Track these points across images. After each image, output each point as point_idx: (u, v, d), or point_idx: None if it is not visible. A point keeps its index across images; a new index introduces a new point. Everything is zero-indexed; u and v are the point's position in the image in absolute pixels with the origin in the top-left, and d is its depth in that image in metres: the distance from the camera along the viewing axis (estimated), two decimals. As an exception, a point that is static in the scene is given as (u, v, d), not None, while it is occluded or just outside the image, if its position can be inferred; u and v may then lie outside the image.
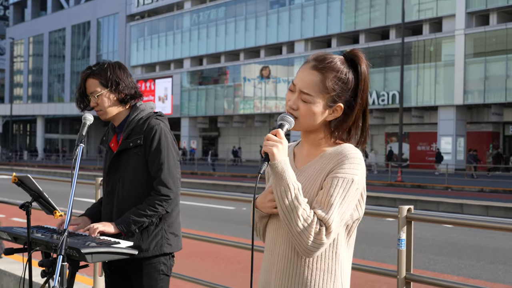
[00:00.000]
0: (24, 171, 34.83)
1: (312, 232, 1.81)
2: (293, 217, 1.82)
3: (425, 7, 36.38)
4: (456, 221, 4.22)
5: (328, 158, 1.93)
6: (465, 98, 34.26)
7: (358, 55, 2.00)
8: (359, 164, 1.89)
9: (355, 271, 4.05)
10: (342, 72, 1.96)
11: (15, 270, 6.20)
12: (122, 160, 3.11)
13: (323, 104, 1.94)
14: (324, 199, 1.86)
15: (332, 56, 2.00)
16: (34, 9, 73.85)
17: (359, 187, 1.89)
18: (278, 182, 1.84)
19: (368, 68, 2.00)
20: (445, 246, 10.13)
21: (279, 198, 1.84)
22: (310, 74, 1.95)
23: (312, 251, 1.84)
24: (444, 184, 24.88)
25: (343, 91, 1.95)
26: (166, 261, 3.10)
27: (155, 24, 55.18)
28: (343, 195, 1.85)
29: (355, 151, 1.93)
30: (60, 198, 7.75)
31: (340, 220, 1.85)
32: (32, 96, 72.11)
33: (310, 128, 1.99)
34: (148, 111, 3.17)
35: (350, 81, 1.96)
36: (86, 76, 3.11)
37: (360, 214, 1.96)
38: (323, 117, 1.96)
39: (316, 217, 1.83)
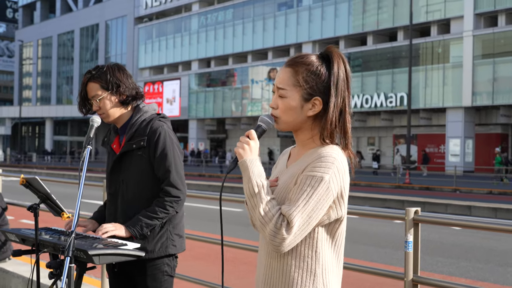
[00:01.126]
0: (32, 173, 34.99)
1: (273, 227, 1.84)
2: (255, 212, 1.88)
3: (433, 9, 36.27)
4: (464, 223, 4.20)
5: (308, 157, 1.96)
6: (474, 99, 34.13)
7: (332, 51, 2.02)
8: (332, 163, 1.89)
9: (363, 273, 4.05)
10: (313, 66, 1.99)
11: (23, 272, 6.23)
12: (125, 162, 3.12)
13: (299, 97, 1.98)
14: (292, 196, 1.90)
15: (307, 54, 2.04)
16: (43, 12, 74.21)
17: (332, 186, 1.88)
18: (244, 179, 1.92)
19: (345, 66, 2.01)
20: (453, 249, 10.09)
21: (245, 194, 1.92)
22: (284, 71, 2.01)
23: (276, 246, 1.85)
24: (453, 186, 24.78)
25: (316, 84, 1.97)
26: (170, 262, 3.12)
27: (163, 26, 55.31)
28: (310, 192, 1.86)
29: (332, 151, 1.93)
30: (68, 200, 7.77)
31: (307, 217, 1.85)
32: (41, 98, 72.44)
33: (293, 125, 2.02)
34: (151, 112, 3.17)
35: (323, 74, 1.98)
36: (86, 81, 3.12)
37: (340, 214, 1.95)
38: (303, 112, 1.99)
39: (279, 212, 1.86)
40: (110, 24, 61.87)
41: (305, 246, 1.94)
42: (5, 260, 6.75)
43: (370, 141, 44.89)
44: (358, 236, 11.43)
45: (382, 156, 42.27)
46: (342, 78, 2.00)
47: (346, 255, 7.19)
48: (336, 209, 1.93)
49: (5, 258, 6.74)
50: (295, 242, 1.87)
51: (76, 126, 68.32)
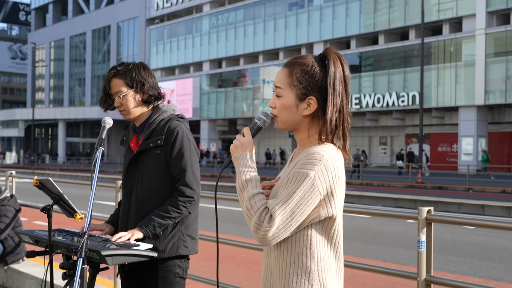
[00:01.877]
0: (45, 175, 35.20)
1: (257, 219, 1.89)
2: (243, 205, 1.95)
3: (445, 7, 36.09)
4: (478, 223, 4.18)
5: (301, 156, 1.99)
6: (486, 98, 33.93)
7: (329, 52, 2.05)
8: (319, 161, 1.92)
9: (377, 273, 4.05)
10: (307, 65, 2.03)
11: (36, 273, 6.27)
12: (141, 160, 3.13)
13: (294, 97, 2.02)
14: (279, 192, 1.95)
15: (305, 55, 2.08)
16: (55, 14, 74.66)
17: (317, 183, 1.90)
18: (236, 173, 2.00)
19: (343, 67, 2.05)
20: (466, 248, 10.03)
21: (236, 188, 2.01)
22: (281, 72, 2.07)
23: (260, 239, 1.90)
24: (465, 185, 24.65)
25: (310, 83, 2.01)
26: (181, 264, 3.11)
27: (174, 28, 55.46)
28: (294, 188, 1.90)
29: (321, 149, 1.96)
30: (81, 201, 7.82)
31: (291, 212, 1.89)
32: (54, 100, 72.87)
33: (290, 124, 2.06)
34: (170, 112, 3.19)
35: (317, 74, 2.02)
36: (111, 76, 3.13)
37: (331, 212, 1.96)
38: (299, 112, 2.03)
39: (264, 206, 1.91)
40: (122, 26, 62.13)
41: (299, 244, 1.97)
42: (18, 261, 6.80)
43: (382, 141, 44.76)
44: (371, 236, 11.41)
45: (394, 155, 42.10)
46: (339, 78, 2.03)
47: (358, 255, 7.19)
48: (326, 207, 1.94)
49: (19, 259, 6.79)
50: (280, 236, 1.90)
51: (88, 128, 68.64)
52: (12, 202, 6.75)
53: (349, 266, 4.25)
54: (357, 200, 18.91)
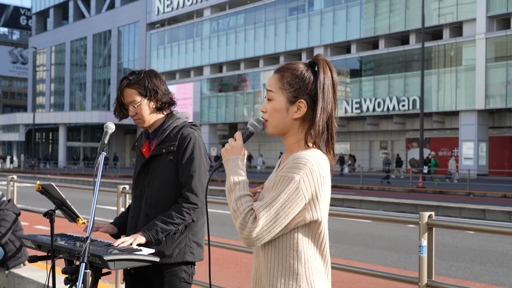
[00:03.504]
0: (46, 179, 35.21)
1: (242, 220, 1.95)
2: (230, 207, 2.01)
3: (445, 12, 36.13)
4: (479, 227, 4.19)
5: (287, 160, 2.03)
6: (487, 102, 33.93)
7: (319, 59, 2.11)
8: (304, 165, 1.95)
9: (377, 278, 4.05)
10: (298, 70, 2.09)
11: (38, 278, 6.27)
12: (153, 165, 3.15)
13: (284, 100, 2.08)
14: (266, 194, 2.01)
15: (296, 61, 2.15)
16: (56, 19, 74.77)
17: (302, 186, 1.94)
18: (226, 176, 2.07)
19: (332, 73, 2.09)
20: (467, 253, 10.03)
21: (225, 188, 2.06)
22: (273, 77, 2.13)
23: (244, 239, 1.95)
24: (466, 189, 24.64)
25: (301, 87, 2.06)
26: (187, 269, 3.12)
27: (175, 32, 55.52)
28: (279, 191, 1.95)
29: (307, 153, 1.99)
30: (82, 206, 7.82)
31: (275, 214, 1.93)
32: (54, 105, 72.91)
33: (280, 128, 2.10)
34: (183, 119, 3.22)
35: (307, 78, 2.07)
36: (124, 86, 3.15)
37: (316, 216, 1.99)
38: (289, 115, 2.07)
39: (249, 208, 1.96)
40: (123, 30, 62.20)
41: (286, 246, 2.01)
42: (20, 265, 6.80)
43: (382, 145, 44.75)
44: (372, 240, 11.40)
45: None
46: (328, 84, 2.07)
47: (359, 260, 7.21)
48: (311, 210, 1.98)
49: (20, 264, 6.79)
50: (264, 237, 1.95)
51: (89, 132, 68.64)
52: (10, 206, 6.75)
53: (350, 271, 4.25)
54: (358, 204, 18.90)
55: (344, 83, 42.05)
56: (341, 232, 12.26)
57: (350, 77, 41.69)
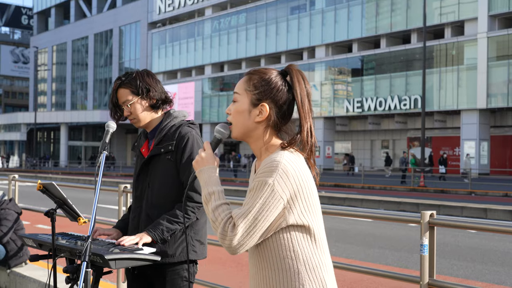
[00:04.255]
0: (48, 178, 35.23)
1: (221, 229, 1.95)
2: (209, 217, 2.01)
3: (447, 11, 36.11)
4: (480, 226, 4.18)
5: (260, 166, 2.02)
6: (489, 101, 33.91)
7: (291, 68, 2.10)
8: (276, 167, 1.95)
9: (379, 277, 4.05)
10: (266, 74, 2.09)
11: (40, 277, 6.28)
12: (152, 165, 3.15)
13: (248, 102, 2.08)
14: (244, 201, 2.00)
15: (270, 68, 2.15)
16: (57, 18, 74.80)
17: (277, 189, 1.93)
18: (201, 187, 2.09)
19: (304, 80, 2.08)
20: (468, 252, 10.02)
21: (202, 200, 2.07)
22: (241, 79, 2.14)
23: (227, 247, 1.96)
24: (468, 188, 24.62)
25: (266, 90, 2.06)
26: (189, 268, 3.11)
27: (176, 31, 55.53)
28: (255, 196, 1.95)
29: (276, 156, 1.99)
30: (83, 205, 7.83)
31: (253, 219, 1.93)
32: (56, 104, 72.96)
33: (243, 131, 2.10)
34: (180, 118, 3.21)
35: (274, 83, 2.07)
36: (116, 87, 3.16)
37: (299, 219, 1.98)
38: (251, 118, 2.07)
39: (228, 216, 1.97)
40: (124, 30, 62.22)
41: (282, 248, 2.00)
42: (21, 264, 6.80)
43: (384, 144, 44.75)
44: (373, 239, 11.40)
45: (396, 159, 42.05)
46: (305, 94, 2.07)
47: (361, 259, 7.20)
48: (292, 211, 1.97)
49: (22, 263, 6.80)
50: (246, 243, 1.95)
51: (90, 132, 68.70)
52: (12, 205, 6.77)
53: (351, 270, 4.25)
54: (359, 203, 18.90)
55: (346, 82, 42.05)
56: (342, 231, 12.26)
57: (351, 76, 41.68)
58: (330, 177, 33.67)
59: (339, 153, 46.13)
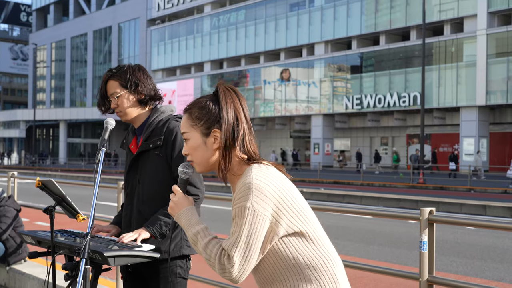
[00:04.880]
0: (47, 175, 35.23)
1: (218, 265, 1.96)
2: (203, 256, 2.02)
3: (446, 8, 36.09)
4: (479, 223, 4.18)
5: (235, 193, 2.02)
6: (488, 98, 33.91)
7: (218, 85, 2.13)
8: (248, 189, 1.94)
9: (378, 273, 4.05)
10: (201, 103, 2.12)
11: (38, 274, 6.28)
12: (141, 162, 3.14)
13: (199, 135, 2.11)
14: (231, 229, 2.00)
15: (200, 97, 2.18)
16: (56, 15, 74.71)
17: (258, 208, 1.93)
18: (184, 230, 2.11)
19: (232, 91, 2.11)
20: (468, 248, 10.03)
21: (190, 242, 2.08)
22: (183, 119, 2.17)
23: (230, 279, 1.96)
24: (467, 185, 24.63)
25: (209, 117, 2.09)
26: (183, 264, 3.11)
27: (175, 28, 55.48)
28: (239, 223, 1.94)
29: (244, 179, 1.98)
30: (82, 202, 7.82)
31: (245, 245, 1.93)
32: (55, 101, 72.92)
33: (206, 165, 2.13)
34: (168, 113, 3.20)
35: (212, 107, 2.09)
36: (107, 78, 3.16)
37: (290, 228, 1.98)
38: (209, 148, 2.10)
39: (220, 249, 1.97)
40: (123, 27, 62.16)
41: (281, 260, 1.99)
42: (20, 262, 6.80)
43: (383, 141, 44.76)
44: (372, 236, 11.40)
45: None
46: (230, 105, 2.08)
47: (360, 256, 7.19)
48: (280, 223, 1.96)
49: (21, 260, 6.80)
50: (247, 269, 1.95)
51: (89, 129, 68.70)
52: (11, 202, 6.76)
53: (351, 267, 4.25)
54: (359, 200, 18.91)
55: (345, 79, 42.05)
56: (342, 228, 12.26)
57: (350, 73, 41.66)
58: (329, 174, 33.69)
59: (337, 150, 46.16)
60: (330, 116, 43.30)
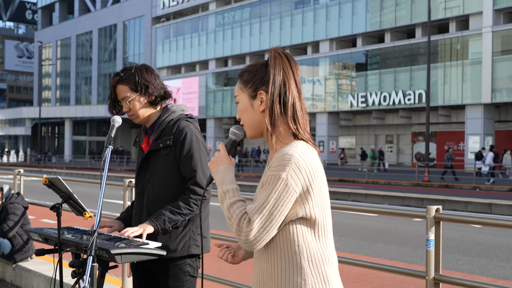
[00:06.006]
0: (52, 173, 35.32)
1: (236, 225, 1.97)
2: (225, 215, 2.03)
3: (452, 5, 35.97)
4: (485, 221, 4.19)
5: (273, 159, 2.05)
6: (493, 96, 33.81)
7: (271, 50, 2.15)
8: (288, 161, 1.96)
9: (384, 271, 4.04)
10: (252, 66, 2.17)
11: (45, 271, 6.30)
12: (152, 161, 3.15)
13: (247, 97, 2.13)
14: (257, 195, 2.03)
15: (254, 62, 2.20)
16: (61, 13, 74.82)
17: (291, 183, 1.94)
18: (217, 186, 2.12)
19: (285, 58, 2.12)
20: (474, 247, 10.01)
21: (218, 199, 2.11)
22: (236, 84, 2.20)
23: (244, 242, 1.97)
24: (472, 183, 24.57)
25: (256, 80, 2.11)
26: (192, 263, 3.12)
27: (180, 26, 55.49)
28: (268, 191, 1.96)
29: (289, 149, 2.00)
30: (88, 199, 7.83)
31: (268, 213, 1.94)
32: (60, 99, 73.06)
33: (255, 128, 2.14)
34: (179, 113, 3.21)
35: (260, 70, 2.12)
36: (115, 83, 3.16)
37: (308, 210, 1.99)
38: (256, 110, 2.11)
39: (243, 212, 1.99)
40: (128, 24, 62.21)
41: (287, 243, 2.01)
42: (27, 259, 6.83)
43: (388, 139, 44.69)
44: (378, 234, 11.39)
45: (401, 154, 42.02)
46: (279, 68, 2.09)
47: (365, 254, 7.17)
48: (303, 204, 1.98)
49: (27, 257, 6.82)
50: (263, 238, 1.96)
51: (95, 126, 68.81)
52: (20, 199, 6.79)
53: (356, 265, 4.25)
54: (364, 198, 18.89)
55: (350, 77, 41.98)
56: (347, 226, 12.26)
57: (355, 71, 41.59)
58: (334, 172, 33.67)
59: (342, 148, 46.09)
60: (335, 114, 43.25)
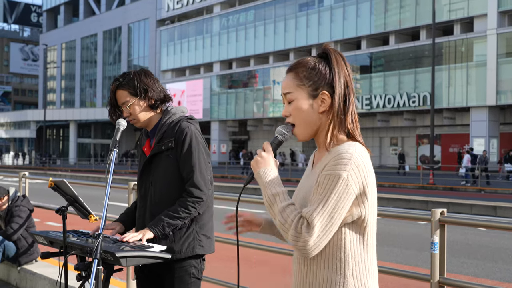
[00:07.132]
0: (57, 176, 35.37)
1: (293, 231, 1.83)
2: (276, 221, 1.89)
3: (456, 7, 35.93)
4: (490, 224, 4.17)
5: (327, 157, 1.93)
6: (498, 98, 33.73)
7: (328, 48, 2.02)
8: (349, 160, 1.86)
9: (388, 275, 4.03)
10: (311, 63, 2.00)
11: (50, 274, 6.30)
12: (154, 164, 3.16)
13: (306, 96, 1.98)
14: (312, 197, 1.89)
15: (303, 57, 2.06)
16: (66, 16, 75.05)
17: (351, 183, 1.84)
18: (261, 189, 1.95)
19: (344, 60, 2.01)
20: (478, 249, 9.99)
21: (265, 204, 1.94)
22: (287, 77, 2.03)
23: (301, 250, 1.84)
24: (477, 186, 24.51)
25: (319, 78, 1.97)
26: (197, 264, 3.13)
27: (185, 29, 55.57)
28: (328, 191, 1.84)
29: (348, 148, 1.90)
30: (93, 202, 7.84)
31: (329, 217, 1.83)
32: (65, 102, 73.24)
33: (310, 129, 2.00)
34: (179, 114, 3.21)
35: (321, 67, 1.98)
36: (115, 89, 3.18)
37: (363, 213, 1.91)
38: (315, 110, 1.98)
39: (299, 216, 1.85)
40: (133, 27, 62.34)
41: (332, 249, 1.91)
42: (32, 262, 6.84)
43: (392, 141, 44.62)
44: (382, 237, 11.37)
45: (405, 156, 41.93)
46: (344, 71, 2.00)
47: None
48: (359, 206, 1.89)
49: (32, 260, 6.83)
50: (322, 244, 1.84)
51: (99, 129, 68.94)
52: (25, 202, 6.80)
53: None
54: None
55: (354, 79, 41.75)
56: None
57: (360, 73, 41.56)
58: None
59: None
60: (339, 116, 43.15)
